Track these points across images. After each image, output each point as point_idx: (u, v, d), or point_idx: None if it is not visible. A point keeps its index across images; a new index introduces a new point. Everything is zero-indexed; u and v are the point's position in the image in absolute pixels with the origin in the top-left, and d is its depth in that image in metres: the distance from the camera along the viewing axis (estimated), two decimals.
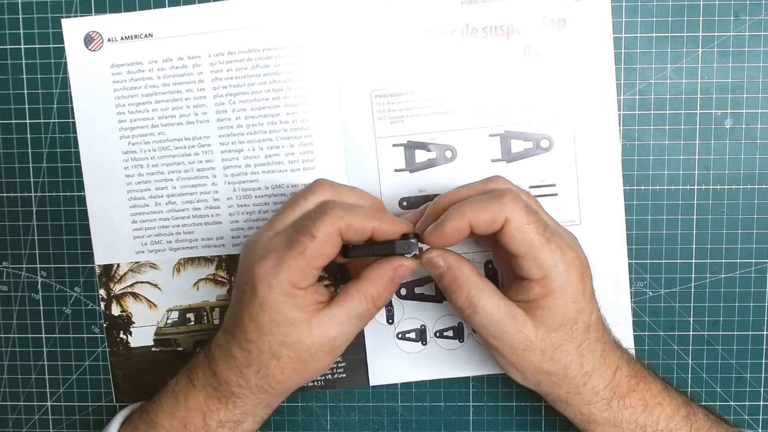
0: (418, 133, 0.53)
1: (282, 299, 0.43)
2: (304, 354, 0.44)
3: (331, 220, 0.42)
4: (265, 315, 0.43)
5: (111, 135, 0.54)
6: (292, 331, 0.43)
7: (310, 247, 0.42)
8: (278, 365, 0.44)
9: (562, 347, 0.44)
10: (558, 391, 0.45)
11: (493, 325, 0.44)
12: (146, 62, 0.53)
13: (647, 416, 0.45)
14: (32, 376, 0.57)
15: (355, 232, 0.43)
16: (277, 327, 0.43)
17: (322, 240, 0.42)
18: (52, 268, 0.56)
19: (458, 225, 0.43)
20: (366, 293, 0.45)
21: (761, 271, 0.53)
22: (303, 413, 0.56)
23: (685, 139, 0.53)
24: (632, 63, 0.52)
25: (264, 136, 0.53)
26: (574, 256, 0.44)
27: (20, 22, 0.54)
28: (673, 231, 0.53)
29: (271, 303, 0.43)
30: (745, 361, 0.54)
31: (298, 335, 0.44)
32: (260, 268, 0.43)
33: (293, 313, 0.43)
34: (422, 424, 0.56)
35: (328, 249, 0.43)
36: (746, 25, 0.52)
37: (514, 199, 0.43)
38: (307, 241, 0.42)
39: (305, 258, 0.42)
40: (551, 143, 0.53)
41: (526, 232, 0.43)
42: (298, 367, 0.45)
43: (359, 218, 0.43)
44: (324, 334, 0.44)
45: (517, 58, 0.52)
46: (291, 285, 0.43)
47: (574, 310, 0.44)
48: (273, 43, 0.52)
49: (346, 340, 0.45)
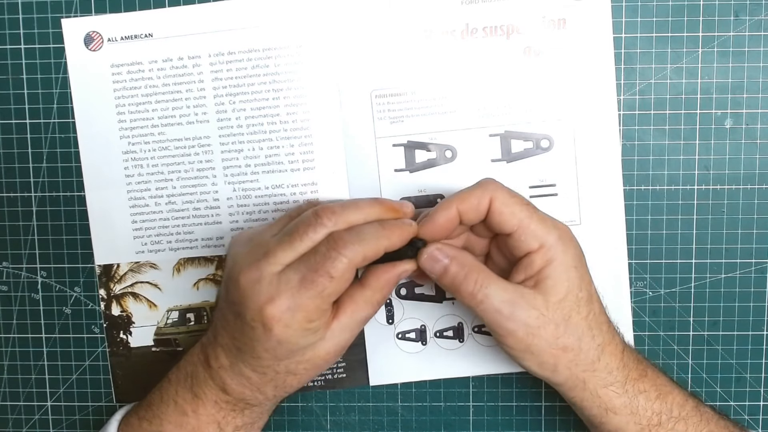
0: (418, 133, 0.53)
1: (300, 334, 0.43)
2: (320, 363, 0.46)
3: (347, 259, 0.42)
4: (283, 348, 0.44)
5: (111, 135, 0.54)
6: (306, 351, 0.45)
7: (329, 288, 0.42)
8: (295, 378, 0.46)
9: (572, 318, 0.44)
10: (575, 370, 0.45)
11: (505, 307, 0.43)
12: (146, 62, 0.53)
13: (661, 403, 0.46)
14: (32, 376, 0.57)
15: (370, 259, 0.44)
16: (293, 354, 0.44)
17: (339, 279, 0.42)
18: (52, 268, 0.56)
19: (447, 213, 0.45)
20: (372, 300, 0.45)
21: (761, 271, 0.53)
22: (303, 413, 0.56)
23: (685, 139, 0.53)
24: (632, 63, 0.52)
25: (264, 136, 0.53)
26: (562, 226, 0.45)
27: (20, 22, 0.54)
28: (673, 231, 0.53)
29: (290, 339, 0.43)
30: (745, 361, 0.54)
31: (314, 352, 0.45)
32: (274, 309, 0.42)
33: (310, 339, 0.44)
34: (422, 424, 0.56)
35: (344, 285, 0.43)
36: (746, 25, 0.52)
37: (495, 183, 0.45)
38: (325, 282, 0.42)
39: (322, 297, 0.43)
40: (551, 143, 0.53)
41: (512, 205, 0.44)
42: (314, 374, 0.47)
43: (371, 246, 0.43)
44: (337, 343, 0.45)
45: (517, 58, 0.52)
46: (307, 321, 0.43)
47: (577, 276, 0.45)
48: (273, 43, 0.52)
49: (352, 340, 0.47)
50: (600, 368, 0.45)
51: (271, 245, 0.44)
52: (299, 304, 0.42)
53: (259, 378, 0.45)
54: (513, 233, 0.44)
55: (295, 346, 0.44)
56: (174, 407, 0.47)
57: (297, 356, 0.44)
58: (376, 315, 0.54)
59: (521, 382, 0.55)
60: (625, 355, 0.46)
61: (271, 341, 0.43)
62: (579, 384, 0.45)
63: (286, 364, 0.45)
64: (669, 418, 0.45)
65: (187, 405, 0.47)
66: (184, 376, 0.48)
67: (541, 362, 0.45)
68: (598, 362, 0.45)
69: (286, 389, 0.47)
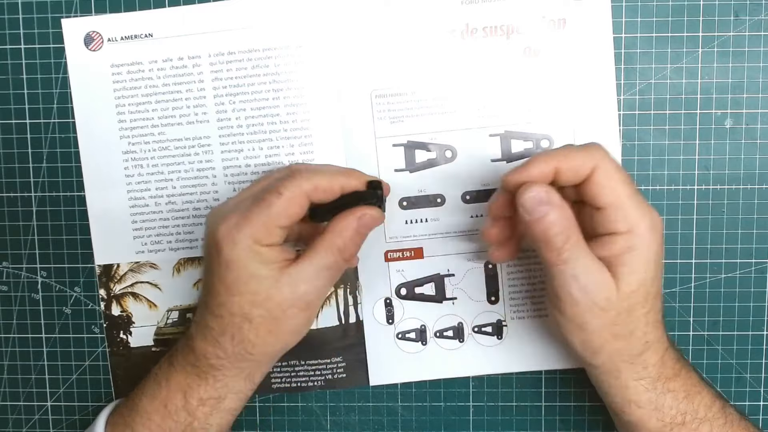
0: (418, 133, 0.53)
1: (246, 255, 0.42)
2: (276, 311, 0.43)
3: (298, 181, 0.43)
4: (232, 273, 0.43)
5: (111, 135, 0.54)
6: (260, 288, 0.43)
7: (276, 204, 0.42)
8: (251, 328, 0.44)
9: (635, 311, 0.43)
10: (616, 359, 0.44)
11: (585, 276, 0.41)
12: (146, 62, 0.53)
13: (688, 403, 0.45)
14: (32, 376, 0.57)
15: (324, 191, 0.44)
16: (244, 285, 0.43)
17: (288, 198, 0.42)
18: (52, 268, 0.56)
19: (543, 167, 0.42)
20: (332, 244, 0.44)
21: (761, 271, 0.53)
22: (303, 413, 0.56)
23: (685, 139, 0.53)
24: (632, 63, 0.52)
25: (264, 136, 0.53)
26: (656, 215, 0.43)
27: (20, 22, 0.54)
28: (673, 231, 0.53)
29: (236, 260, 0.42)
30: (745, 361, 0.54)
31: (267, 292, 0.43)
32: (223, 226, 0.43)
33: (259, 269, 0.43)
34: (422, 424, 0.56)
35: (293, 209, 0.43)
36: (746, 25, 0.52)
37: (602, 151, 0.42)
38: (273, 198, 0.42)
39: (269, 214, 0.42)
40: (551, 143, 0.53)
41: (615, 180, 0.41)
42: (272, 327, 0.44)
43: (326, 177, 0.44)
44: (294, 289, 0.43)
45: (517, 58, 0.52)
46: (254, 241, 0.42)
47: (654, 270, 0.43)
48: (273, 43, 0.52)
49: (318, 296, 0.45)
50: (638, 362, 0.44)
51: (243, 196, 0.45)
52: (246, 218, 0.42)
53: (216, 324, 0.44)
54: (605, 209, 0.42)
55: (244, 272, 0.43)
56: (153, 379, 0.47)
57: (249, 292, 0.43)
58: (376, 315, 0.54)
59: (521, 382, 0.55)
60: (666, 354, 0.45)
61: (221, 266, 0.43)
62: (614, 372, 0.45)
63: (239, 302, 0.43)
64: (694, 419, 0.45)
65: (162, 375, 0.47)
66: (168, 353, 0.48)
67: (586, 341, 0.44)
68: (639, 357, 0.44)
69: (245, 345, 0.44)
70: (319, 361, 0.55)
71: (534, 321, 0.54)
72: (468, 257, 0.54)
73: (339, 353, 0.55)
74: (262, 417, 0.56)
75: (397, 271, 0.54)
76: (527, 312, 0.54)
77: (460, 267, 0.54)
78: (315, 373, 0.55)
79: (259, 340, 0.44)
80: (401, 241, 0.54)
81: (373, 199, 0.45)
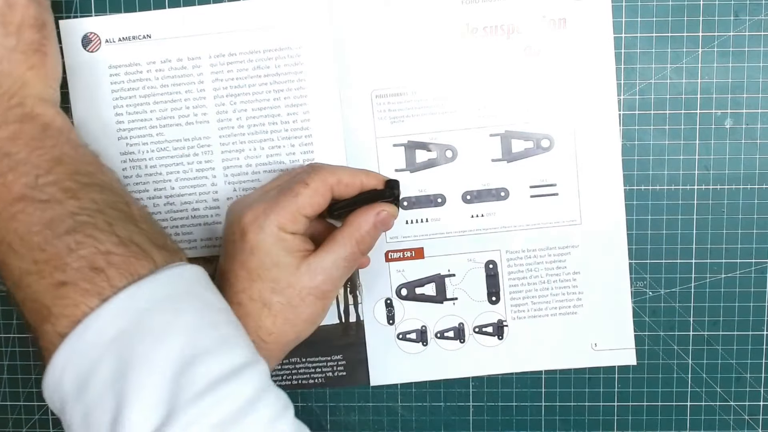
0: (419, 133, 0.53)
1: (272, 241, 0.44)
2: (295, 299, 0.45)
3: (323, 174, 0.46)
4: (255, 258, 0.45)
5: (109, 136, 0.53)
6: (281, 275, 0.45)
7: (303, 193, 0.45)
8: (270, 315, 0.45)
9: None
10: None
11: None
12: (144, 63, 0.53)
13: None
14: (32, 376, 0.57)
15: (346, 185, 0.47)
16: (267, 272, 0.45)
17: (314, 188, 0.45)
18: None
19: None
20: (351, 237, 0.46)
21: (761, 271, 0.53)
22: (303, 413, 0.56)
23: (685, 139, 0.53)
24: (632, 63, 0.52)
25: (265, 136, 0.53)
26: None
27: None
28: (673, 231, 0.53)
29: (261, 245, 0.44)
30: (745, 361, 0.54)
31: (288, 280, 0.45)
32: (250, 213, 0.45)
33: (282, 256, 0.45)
34: (422, 424, 0.56)
35: (318, 199, 0.46)
36: (746, 25, 0.52)
37: None
38: (300, 188, 0.45)
39: (296, 203, 0.45)
40: (552, 143, 0.53)
41: None
42: (289, 315, 0.46)
43: (348, 172, 0.48)
44: (313, 277, 0.45)
45: (518, 58, 0.52)
46: (280, 228, 0.44)
47: None
48: (274, 44, 0.52)
49: (334, 286, 0.47)
50: None
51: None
52: (272, 207, 0.45)
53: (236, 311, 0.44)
54: None
55: (267, 258, 0.44)
56: None
57: (270, 279, 0.45)
58: (377, 315, 0.54)
59: (521, 382, 0.55)
60: None
61: (245, 251, 0.45)
62: None
63: (261, 288, 0.45)
64: None
65: None
66: None
67: None
68: None
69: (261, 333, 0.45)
70: (319, 358, 0.55)
71: (535, 321, 0.54)
72: (468, 256, 0.54)
73: (339, 351, 0.55)
74: None
75: (398, 272, 0.54)
76: (528, 312, 0.54)
77: (461, 267, 0.54)
78: (315, 371, 0.55)
79: (276, 328, 0.45)
80: (402, 241, 0.54)
81: (390, 198, 0.48)
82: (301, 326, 0.47)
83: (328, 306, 0.47)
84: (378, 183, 0.49)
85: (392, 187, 0.49)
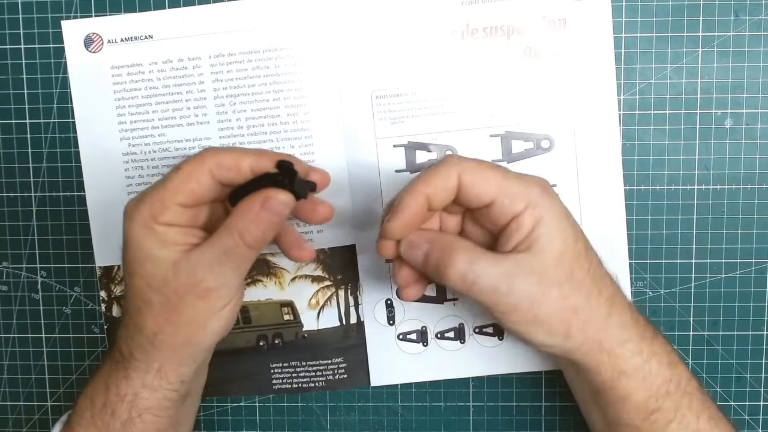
0: (419, 134, 0.53)
1: (142, 232, 0.40)
2: (173, 298, 0.41)
3: (200, 157, 0.41)
4: (129, 252, 0.41)
5: (111, 137, 0.54)
6: (156, 271, 0.41)
7: (172, 178, 0.40)
8: (150, 313, 0.41)
9: (574, 275, 0.41)
10: (589, 332, 0.41)
11: (502, 281, 0.39)
12: (146, 63, 0.53)
13: (672, 371, 0.42)
14: (32, 376, 0.57)
15: (228, 169, 0.41)
16: (140, 266, 0.41)
17: (186, 173, 0.40)
18: (52, 268, 0.56)
19: (414, 203, 0.41)
20: (232, 226, 0.40)
21: (761, 271, 0.53)
22: (303, 413, 0.57)
23: (685, 139, 0.53)
24: (632, 63, 0.52)
25: (265, 137, 0.53)
26: (540, 179, 0.42)
27: (20, 22, 0.54)
28: (673, 231, 0.53)
29: (132, 236, 0.41)
30: (745, 361, 0.54)
31: (164, 276, 0.41)
32: (128, 203, 0.42)
33: (155, 249, 0.41)
34: (422, 424, 0.56)
35: (191, 184, 0.40)
36: (746, 25, 0.52)
37: (458, 157, 0.41)
38: (171, 173, 0.41)
39: (165, 189, 0.40)
40: (552, 143, 0.53)
41: (485, 172, 0.41)
42: (169, 315, 0.41)
43: (232, 154, 0.41)
44: (191, 273, 0.40)
45: (518, 59, 0.52)
46: (150, 217, 0.40)
47: (570, 227, 0.41)
48: (273, 44, 0.52)
49: (219, 284, 0.41)
50: (612, 325, 0.41)
51: None
52: (144, 195, 0.41)
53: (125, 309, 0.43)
54: (494, 202, 0.40)
55: (139, 251, 0.41)
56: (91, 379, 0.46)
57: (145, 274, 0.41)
58: (377, 316, 0.54)
59: (521, 382, 0.55)
60: (632, 310, 0.43)
61: (123, 244, 0.41)
62: (595, 346, 0.41)
63: (138, 284, 0.41)
64: (677, 389, 0.42)
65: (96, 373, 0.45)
66: None
67: (550, 330, 0.41)
68: (610, 319, 0.41)
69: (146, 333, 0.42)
70: (320, 362, 0.55)
71: None
72: None
73: (340, 354, 0.55)
74: (262, 417, 0.56)
75: None
76: None
77: None
78: (316, 374, 0.56)
79: (158, 328, 0.42)
80: None
81: (285, 182, 0.40)
82: (187, 329, 0.42)
83: (217, 307, 0.42)
84: (270, 164, 0.41)
85: (284, 169, 0.41)
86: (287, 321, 0.55)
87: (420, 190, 0.41)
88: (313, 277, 0.54)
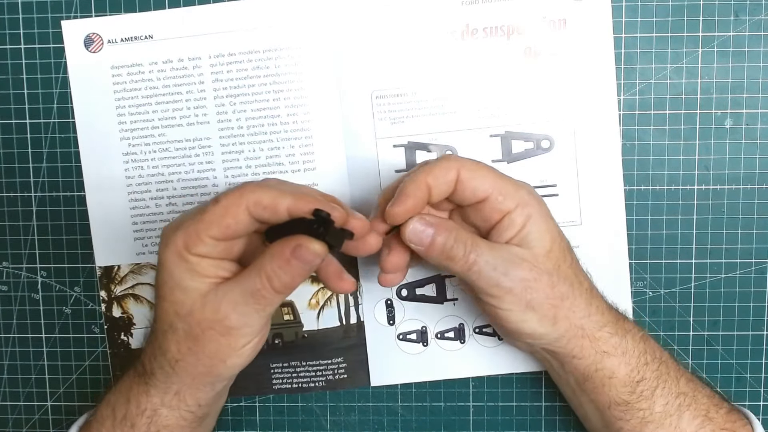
0: (419, 134, 0.53)
1: (174, 260, 0.41)
2: (196, 330, 0.41)
3: (240, 192, 0.40)
4: (161, 275, 0.42)
5: (111, 137, 0.54)
6: (185, 299, 0.41)
7: (210, 211, 0.40)
8: (174, 339, 0.42)
9: (560, 267, 0.45)
10: (573, 318, 0.45)
11: (500, 264, 0.43)
12: (146, 64, 0.53)
13: (645, 343, 0.46)
14: (32, 376, 0.57)
15: (264, 208, 0.40)
16: (170, 291, 0.41)
17: (223, 207, 0.40)
18: (52, 268, 0.56)
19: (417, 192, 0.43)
20: (261, 268, 0.40)
21: (761, 271, 0.53)
22: (303, 413, 0.57)
23: (685, 139, 0.53)
24: (632, 63, 0.52)
25: (265, 137, 0.53)
26: (524, 183, 0.45)
27: (20, 22, 0.54)
28: (673, 231, 0.53)
29: (165, 263, 0.41)
30: (745, 361, 0.54)
31: (191, 306, 0.41)
32: (165, 229, 0.42)
33: (186, 279, 0.41)
34: (422, 424, 0.56)
35: (228, 219, 0.40)
36: (746, 25, 0.52)
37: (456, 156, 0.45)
38: (210, 206, 0.40)
39: (202, 221, 0.40)
40: (552, 143, 0.53)
41: (480, 170, 0.44)
42: (192, 345, 0.42)
43: (272, 194, 0.40)
44: (216, 309, 0.41)
45: (518, 59, 0.52)
46: (184, 247, 0.40)
47: (555, 226, 0.45)
48: (273, 44, 0.52)
49: (242, 323, 0.41)
50: (593, 312, 0.45)
51: None
52: (181, 225, 0.41)
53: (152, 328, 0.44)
54: (488, 197, 0.43)
55: (170, 279, 0.41)
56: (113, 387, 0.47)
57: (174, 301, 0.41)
58: (377, 316, 0.54)
59: (521, 382, 0.55)
60: (605, 299, 0.47)
61: (158, 266, 0.42)
62: (578, 332, 0.45)
63: (166, 308, 0.42)
64: (653, 358, 0.46)
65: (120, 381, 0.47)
66: None
67: (541, 317, 0.44)
68: (591, 306, 0.45)
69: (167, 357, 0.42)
70: (320, 361, 0.55)
71: None
72: None
73: (340, 354, 0.55)
74: (262, 417, 0.56)
75: None
76: None
77: None
78: (316, 374, 0.56)
79: (180, 355, 0.42)
80: None
81: (320, 230, 0.39)
82: (208, 361, 0.42)
83: (238, 345, 0.42)
84: (308, 209, 0.40)
85: (320, 220, 0.40)
86: (287, 321, 0.55)
87: (423, 179, 0.43)
88: (313, 277, 0.54)
